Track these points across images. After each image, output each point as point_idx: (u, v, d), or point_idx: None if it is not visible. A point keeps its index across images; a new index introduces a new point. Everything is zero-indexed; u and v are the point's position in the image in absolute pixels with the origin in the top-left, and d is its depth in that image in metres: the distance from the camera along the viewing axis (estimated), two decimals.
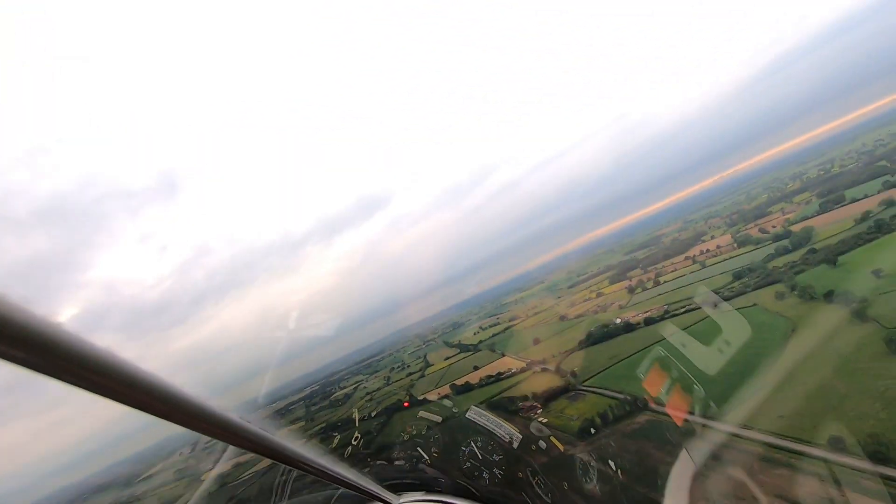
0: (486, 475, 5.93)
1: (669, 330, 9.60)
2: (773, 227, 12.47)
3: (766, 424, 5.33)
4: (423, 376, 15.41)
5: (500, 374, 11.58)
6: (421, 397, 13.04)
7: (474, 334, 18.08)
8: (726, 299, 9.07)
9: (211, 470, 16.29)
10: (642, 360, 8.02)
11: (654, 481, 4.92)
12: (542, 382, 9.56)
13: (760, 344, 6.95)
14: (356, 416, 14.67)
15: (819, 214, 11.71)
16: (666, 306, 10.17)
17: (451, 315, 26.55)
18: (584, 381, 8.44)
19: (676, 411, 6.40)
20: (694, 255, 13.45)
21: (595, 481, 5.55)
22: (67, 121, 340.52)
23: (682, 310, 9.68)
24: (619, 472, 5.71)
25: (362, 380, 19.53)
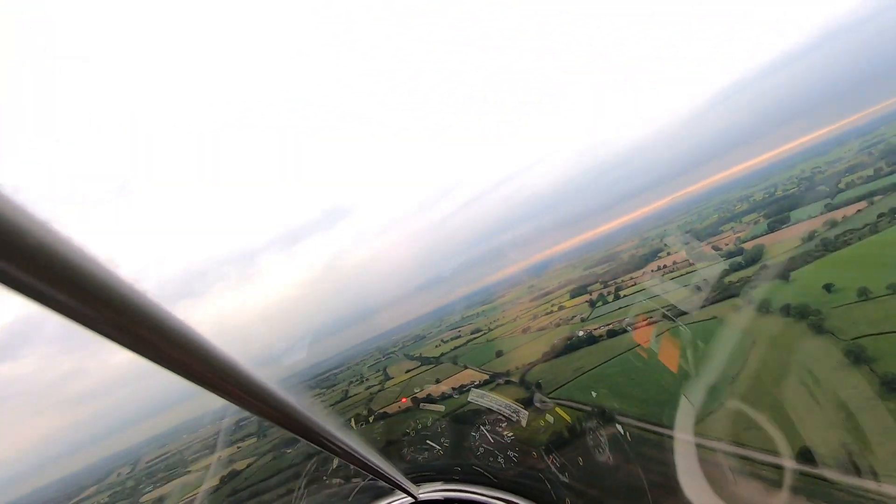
0: (500, 459, 5.71)
1: (632, 342, 9.65)
2: (726, 244, 12.88)
3: (735, 436, 5.30)
4: (382, 389, 14.91)
5: (462, 386, 11.30)
6: (381, 410, 12.56)
7: (436, 347, 17.73)
8: (686, 313, 9.17)
9: (151, 492, 15.10)
10: (607, 371, 7.93)
11: (627, 494, 4.81)
12: (506, 395, 9.34)
13: (722, 355, 6.99)
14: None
15: (768, 233, 12.17)
16: (627, 319, 10.26)
17: (413, 328, 26.05)
18: (549, 393, 8.28)
19: (644, 422, 6.29)
20: (652, 271, 13.71)
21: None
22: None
23: (644, 322, 9.74)
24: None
25: (319, 394, 18.74)
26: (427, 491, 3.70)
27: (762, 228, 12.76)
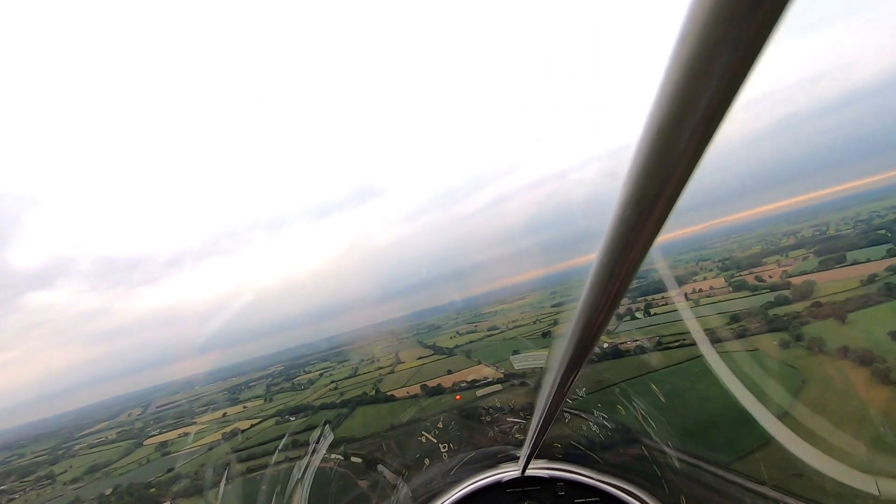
0: (602, 439, 5.40)
1: (662, 362, 8.97)
2: (770, 276, 12.00)
3: (781, 481, 4.66)
4: (392, 372, 14.54)
5: (474, 381, 10.82)
6: (388, 393, 12.19)
7: (450, 338, 17.26)
8: (724, 340, 8.44)
9: (156, 436, 15.11)
10: (632, 389, 7.29)
11: None
12: (520, 397, 8.81)
13: (766, 390, 6.30)
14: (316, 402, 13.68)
15: (819, 271, 11.24)
16: (658, 337, 9.59)
17: (429, 316, 25.66)
18: (603, 438, 7.69)
19: (671, 449, 5.65)
20: (686, 293, 12.89)
21: None
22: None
23: (676, 343, 9.06)
24: None
25: (329, 367, 18.53)
26: (533, 468, 3.57)
27: (812, 265, 11.85)
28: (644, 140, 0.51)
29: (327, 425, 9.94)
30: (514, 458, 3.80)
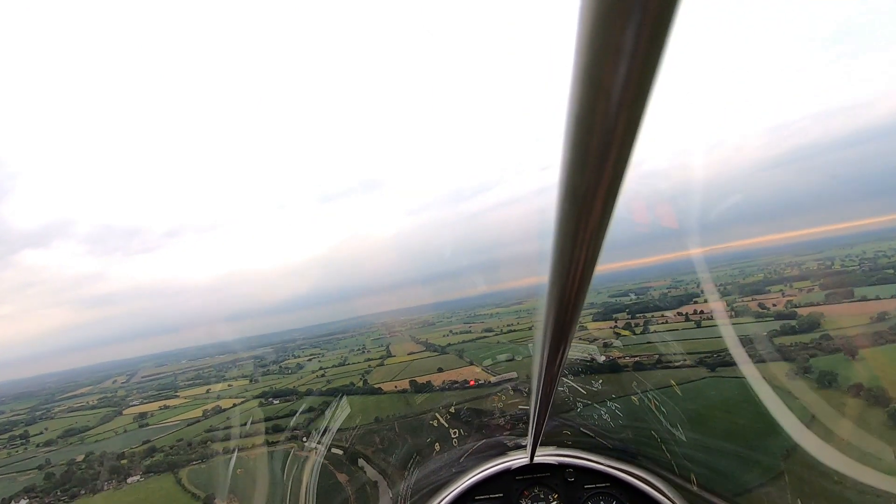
0: (612, 424, 5.30)
1: (662, 380, 8.60)
2: (774, 304, 11.66)
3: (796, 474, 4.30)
4: (382, 364, 14.16)
5: (465, 382, 10.45)
6: (376, 385, 11.80)
7: (443, 336, 16.89)
8: (728, 364, 8.08)
9: (136, 406, 14.72)
10: (631, 406, 6.93)
11: None
12: (513, 402, 8.41)
13: (773, 420, 5.93)
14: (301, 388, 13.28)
15: (825, 304, 10.90)
16: (658, 355, 9.23)
17: (423, 312, 25.28)
18: (561, 413, 7.32)
19: (672, 475, 5.27)
20: (687, 313, 12.54)
21: None
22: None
23: (678, 363, 8.70)
24: None
25: (319, 353, 18.15)
26: (540, 455, 3.54)
27: (818, 297, 11.52)
28: (568, 136, 0.51)
29: (310, 412, 9.56)
30: (523, 447, 3.75)
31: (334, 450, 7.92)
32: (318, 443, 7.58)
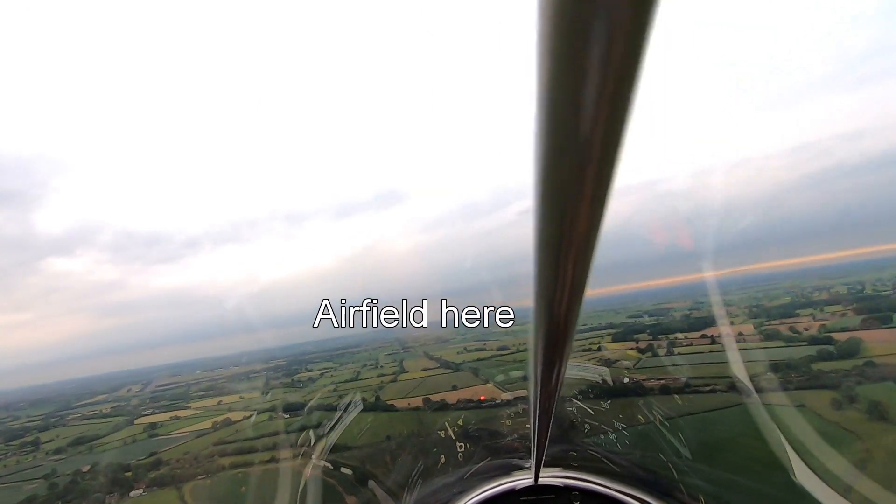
0: (611, 434, 5.42)
1: (681, 406, 8.03)
2: (806, 329, 10.99)
3: None
4: (395, 381, 13.72)
5: (481, 401, 9.96)
6: (389, 402, 11.36)
7: (457, 353, 16.39)
8: (762, 391, 7.48)
9: (148, 416, 14.45)
10: (642, 430, 6.41)
11: None
12: (521, 421, 7.89)
13: (819, 453, 5.36)
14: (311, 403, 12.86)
15: (862, 329, 10.22)
16: (685, 379, 8.67)
17: (436, 329, 24.72)
18: (569, 435, 6.81)
19: (690, 461, 4.92)
20: (713, 335, 11.91)
21: None
22: None
23: (707, 388, 8.12)
24: None
25: (331, 368, 17.76)
26: (545, 476, 3.47)
27: (853, 322, 10.83)
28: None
29: (319, 428, 9.15)
30: (528, 468, 3.69)
31: (343, 469, 7.50)
32: (326, 459, 7.18)
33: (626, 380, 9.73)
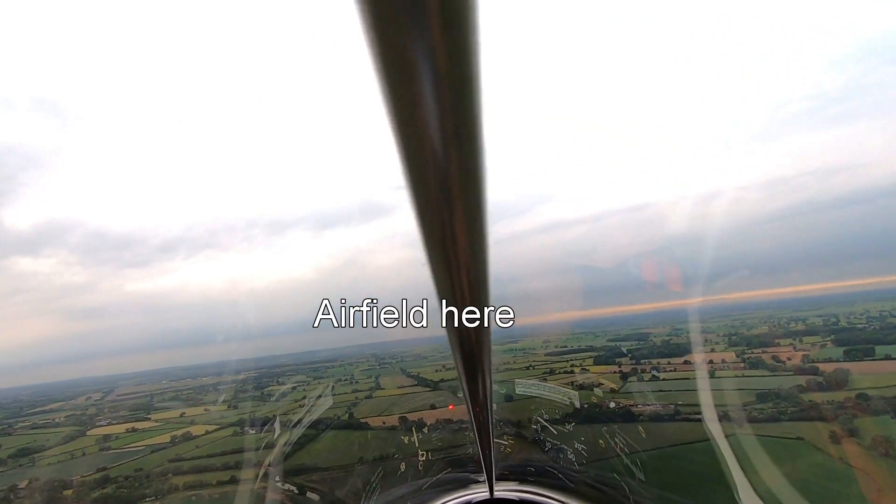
0: (570, 454, 5.39)
1: (689, 435, 7.52)
2: (789, 358, 10.72)
3: None
4: (370, 397, 12.94)
5: (461, 422, 9.28)
6: (363, 420, 10.57)
7: (436, 371, 15.71)
8: (755, 421, 7.07)
9: (103, 427, 13.29)
10: (656, 462, 5.90)
11: None
12: (516, 452, 7.25)
13: (823, 491, 4.90)
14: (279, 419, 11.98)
15: (846, 361, 9.99)
16: (674, 406, 8.20)
17: (415, 345, 24.00)
18: (578, 466, 6.22)
19: (644, 483, 4.50)
20: (696, 362, 11.55)
21: None
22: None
23: (697, 415, 7.64)
24: None
25: (303, 381, 16.80)
26: (501, 489, 3.44)
27: (836, 353, 10.63)
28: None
29: (285, 446, 8.33)
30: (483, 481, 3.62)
31: (309, 494, 6.74)
32: (290, 482, 6.42)
33: (607, 403, 9.25)
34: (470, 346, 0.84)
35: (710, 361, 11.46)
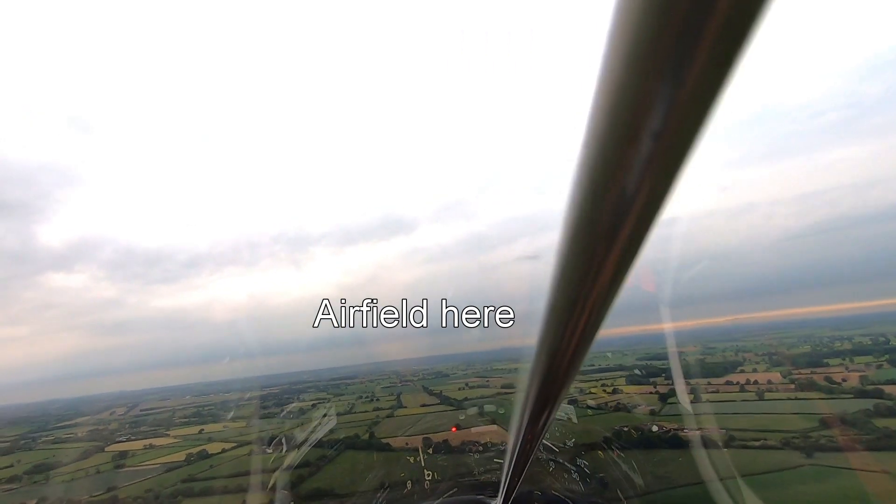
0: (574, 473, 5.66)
1: (751, 465, 6.57)
2: (844, 380, 9.64)
3: None
4: (391, 416, 12.18)
5: (488, 445, 8.46)
6: (385, 441, 9.81)
7: (459, 389, 14.88)
8: (822, 450, 6.11)
9: (122, 443, 12.83)
10: (710, 495, 5.04)
11: None
12: (550, 478, 6.39)
13: None
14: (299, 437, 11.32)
15: None
16: (727, 431, 7.26)
17: (436, 363, 23.25)
18: (631, 497, 5.39)
19: None
20: (741, 383, 10.51)
21: None
22: None
23: (757, 443, 6.71)
24: None
25: (324, 398, 16.15)
26: None
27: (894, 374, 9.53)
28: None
29: (308, 467, 7.63)
30: None
31: None
32: None
33: (648, 426, 8.36)
34: (554, 378, 0.71)
35: (755, 382, 10.41)
